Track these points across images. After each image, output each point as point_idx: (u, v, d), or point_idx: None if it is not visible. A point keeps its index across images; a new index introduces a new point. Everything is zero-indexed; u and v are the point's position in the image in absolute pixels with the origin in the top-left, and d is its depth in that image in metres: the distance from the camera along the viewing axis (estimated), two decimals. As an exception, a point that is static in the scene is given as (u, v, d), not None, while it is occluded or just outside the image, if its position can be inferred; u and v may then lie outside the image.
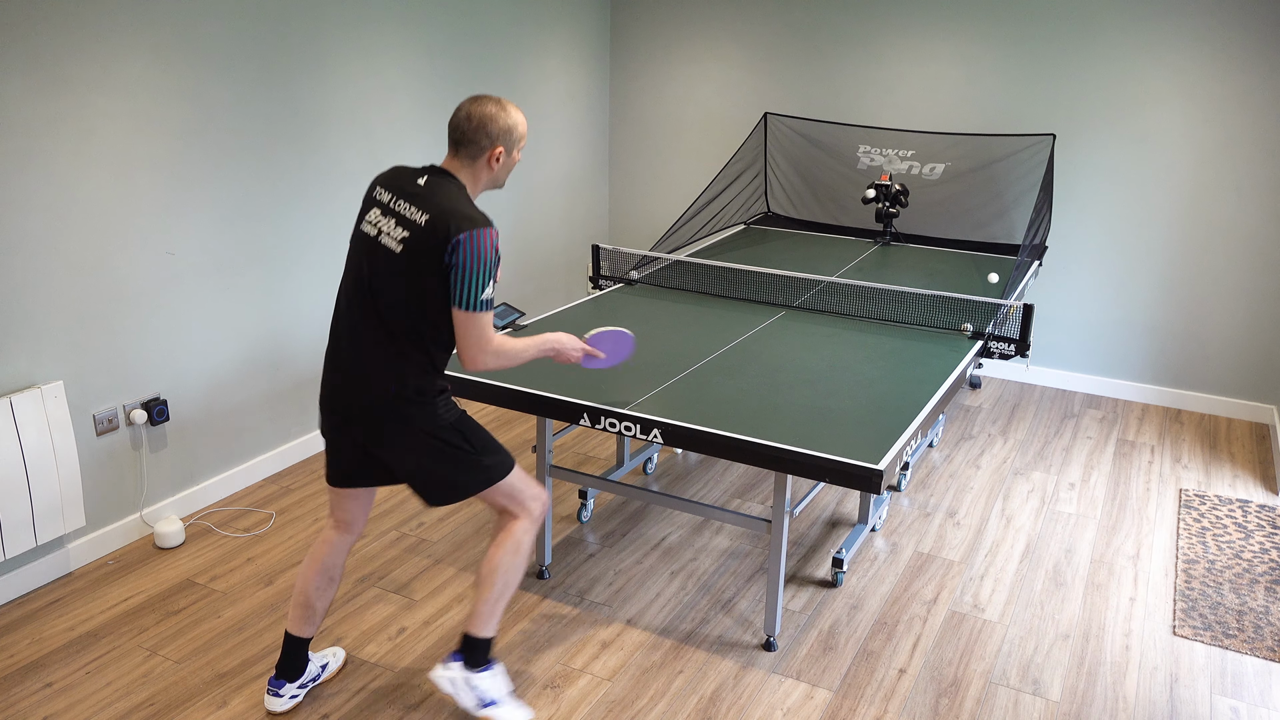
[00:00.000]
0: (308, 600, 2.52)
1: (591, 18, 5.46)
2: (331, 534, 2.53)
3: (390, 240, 2.24)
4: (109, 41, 3.05)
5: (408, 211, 2.23)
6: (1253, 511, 3.72)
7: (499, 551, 2.41)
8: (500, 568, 2.41)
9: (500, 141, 2.30)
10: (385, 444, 2.32)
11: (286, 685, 2.57)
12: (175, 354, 3.44)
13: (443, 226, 2.17)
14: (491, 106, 2.28)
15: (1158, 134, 4.50)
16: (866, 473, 2.37)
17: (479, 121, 2.27)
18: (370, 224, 2.30)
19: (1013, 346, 3.30)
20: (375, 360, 2.27)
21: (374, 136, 4.11)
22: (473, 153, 2.29)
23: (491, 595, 2.41)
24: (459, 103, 2.49)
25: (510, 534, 2.42)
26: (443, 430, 2.32)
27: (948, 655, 2.87)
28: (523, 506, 2.44)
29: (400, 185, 2.28)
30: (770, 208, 5.45)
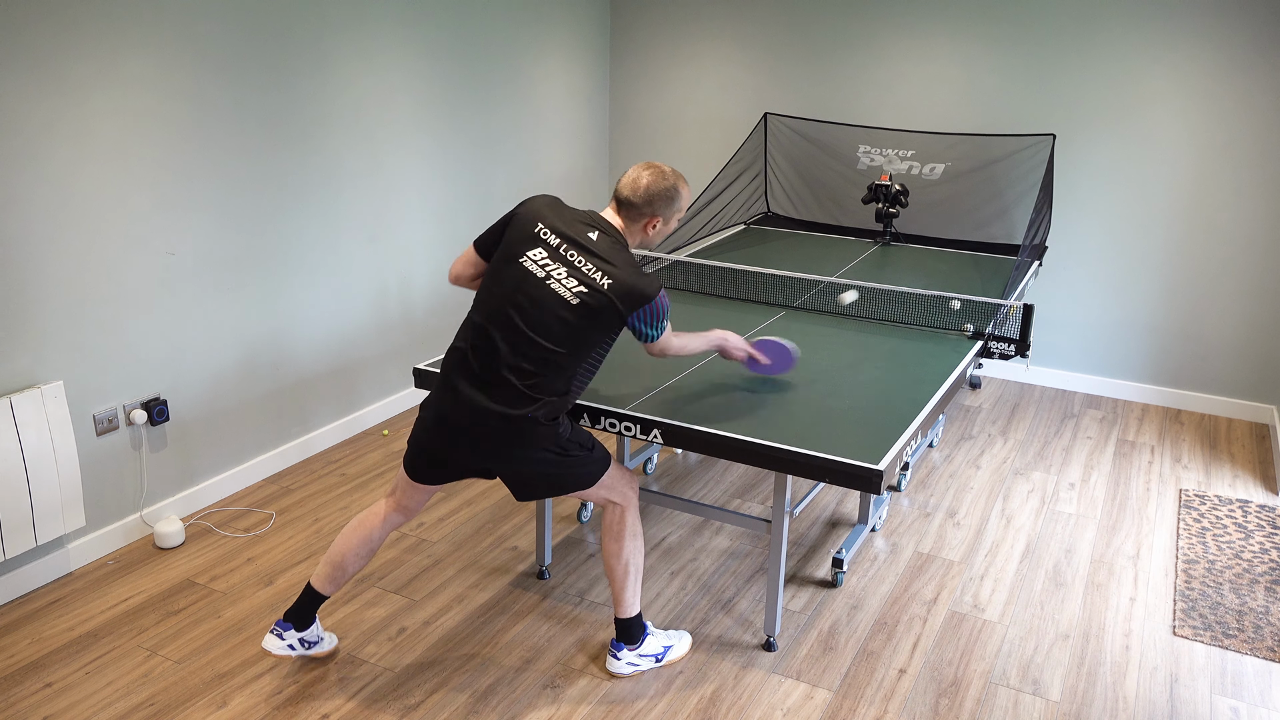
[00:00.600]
0: (342, 562, 2.62)
1: (591, 18, 5.46)
2: (389, 512, 2.64)
3: (562, 287, 2.34)
4: (108, 41, 3.05)
5: (585, 267, 2.36)
6: (1253, 511, 3.72)
7: (620, 544, 2.62)
8: (629, 557, 2.63)
9: (660, 214, 2.49)
10: (506, 461, 2.42)
11: (291, 631, 2.66)
12: (175, 354, 3.44)
13: (626, 298, 2.34)
14: (663, 181, 2.45)
15: (1158, 134, 4.50)
16: (866, 473, 2.37)
17: (646, 196, 2.45)
18: (534, 262, 2.38)
19: (1013, 346, 3.30)
20: (518, 386, 2.35)
21: (374, 137, 4.11)
22: (634, 216, 2.48)
23: (630, 581, 2.65)
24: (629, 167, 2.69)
25: (624, 525, 2.62)
26: (566, 446, 2.47)
27: (948, 655, 2.87)
28: (623, 494, 2.61)
29: (569, 233, 2.39)
30: (770, 208, 5.45)
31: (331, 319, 4.06)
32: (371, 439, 4.26)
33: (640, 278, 2.36)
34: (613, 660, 2.72)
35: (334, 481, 3.86)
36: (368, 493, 3.77)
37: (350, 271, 4.11)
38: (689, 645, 2.84)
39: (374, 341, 4.32)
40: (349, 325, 4.16)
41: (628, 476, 2.65)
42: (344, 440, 4.23)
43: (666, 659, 2.77)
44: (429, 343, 4.65)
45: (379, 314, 4.31)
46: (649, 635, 2.75)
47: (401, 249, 4.37)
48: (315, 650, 2.73)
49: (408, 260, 4.42)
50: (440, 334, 4.71)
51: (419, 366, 2.96)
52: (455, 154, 4.59)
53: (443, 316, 4.71)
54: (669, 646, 2.78)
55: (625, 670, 2.72)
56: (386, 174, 4.21)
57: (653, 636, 2.76)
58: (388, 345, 4.40)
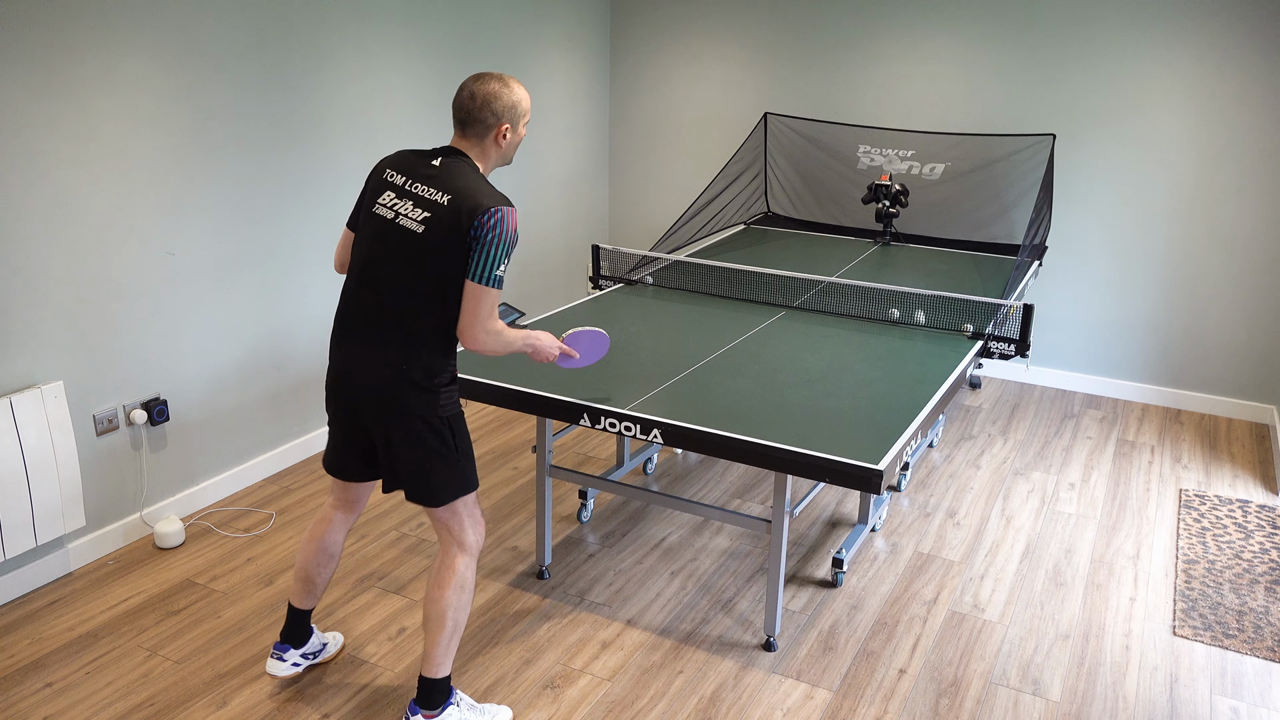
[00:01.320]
0: (308, 575, 2.58)
1: (591, 18, 5.46)
2: (332, 513, 2.58)
3: (410, 221, 2.24)
4: (109, 42, 3.05)
5: (426, 192, 2.24)
6: (1253, 511, 3.72)
7: (444, 591, 2.37)
8: (450, 608, 2.37)
9: (506, 118, 2.31)
10: (382, 425, 2.31)
11: (291, 650, 2.64)
12: (175, 354, 3.44)
13: (467, 205, 2.19)
14: (494, 84, 2.29)
15: (1158, 134, 4.50)
16: (866, 473, 2.37)
17: (483, 100, 2.28)
18: (385, 206, 2.29)
19: (1013, 346, 3.30)
20: (388, 339, 2.27)
21: (374, 136, 4.11)
22: (480, 131, 2.31)
23: (444, 637, 2.38)
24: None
25: (454, 571, 2.38)
26: (437, 421, 2.31)
27: (948, 655, 2.87)
28: (465, 533, 2.40)
29: (413, 167, 2.30)
30: (770, 208, 5.45)
31: (331, 319, 4.06)
32: (371, 439, 4.25)
33: (485, 188, 2.23)
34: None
35: (334, 481, 3.86)
36: (368, 493, 3.77)
37: (350, 271, 4.11)
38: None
39: (374, 341, 4.31)
40: (349, 325, 4.16)
41: (481, 523, 2.45)
42: (344, 440, 4.23)
43: None
44: (429, 343, 4.65)
45: (379, 314, 4.31)
46: (452, 705, 2.45)
47: (401, 249, 4.37)
48: (323, 657, 2.73)
49: (408, 260, 4.42)
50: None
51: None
52: (455, 154, 4.59)
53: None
54: None
55: None
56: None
57: (455, 708, 2.45)
58: (388, 345, 4.40)
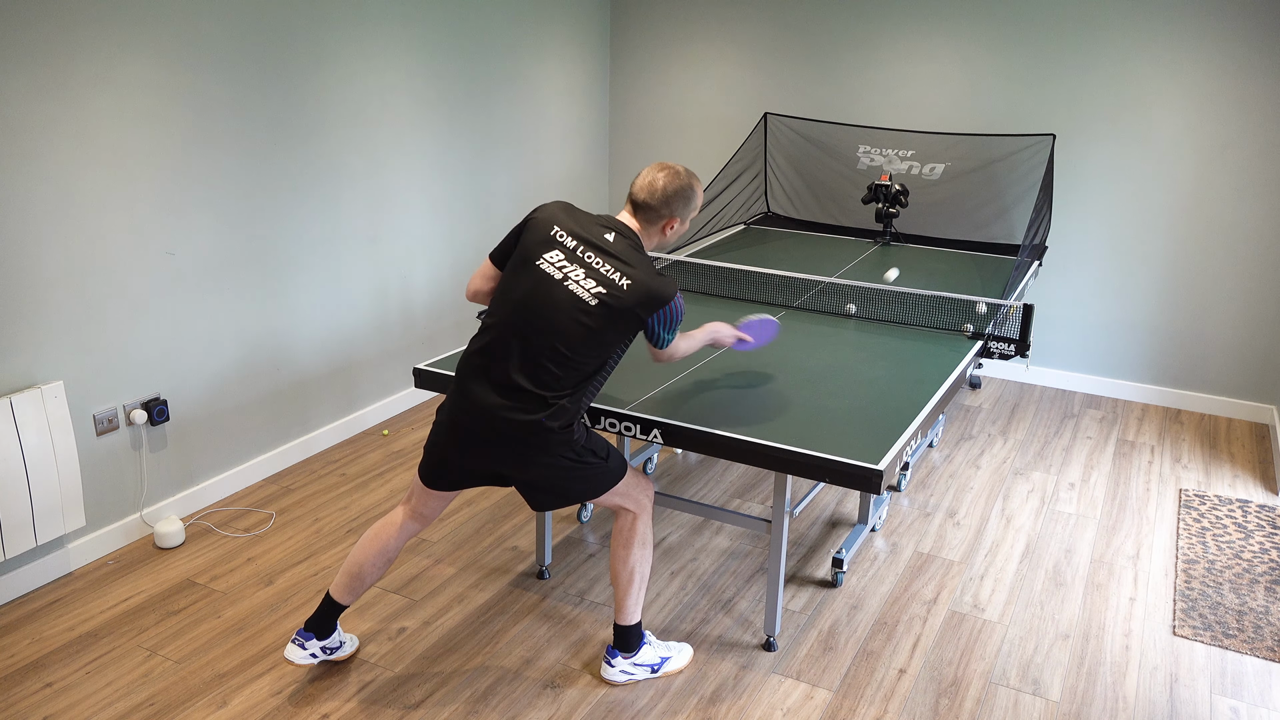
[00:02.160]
0: (361, 571, 2.60)
1: (591, 18, 5.46)
2: (405, 520, 2.62)
3: (580, 289, 2.33)
4: (108, 41, 3.05)
5: (603, 268, 2.35)
6: (1253, 511, 3.72)
7: (631, 551, 2.60)
8: (638, 563, 2.61)
9: (679, 214, 2.48)
10: (522, 468, 2.41)
11: (313, 640, 2.63)
12: (175, 354, 3.44)
13: (645, 298, 2.34)
14: (678, 181, 2.44)
15: (1158, 134, 4.50)
16: (866, 473, 2.37)
17: (664, 197, 2.43)
18: (552, 265, 2.36)
19: (1013, 346, 3.30)
20: (533, 391, 2.34)
21: (374, 136, 4.11)
22: (652, 219, 2.46)
23: (635, 588, 2.62)
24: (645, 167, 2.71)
25: (635, 532, 2.60)
26: (581, 453, 2.45)
27: (948, 655, 2.87)
28: (637, 501, 2.60)
29: (585, 235, 2.39)
30: (770, 208, 5.45)
31: (331, 319, 4.06)
32: (371, 439, 4.26)
33: (658, 279, 2.36)
34: (607, 667, 2.69)
35: (334, 481, 3.86)
36: (368, 493, 3.77)
37: (350, 271, 4.11)
38: (689, 658, 2.80)
39: (374, 341, 4.32)
40: (349, 325, 4.16)
41: (644, 484, 2.63)
42: (344, 440, 4.23)
43: (663, 670, 2.73)
44: (429, 343, 4.65)
45: (379, 314, 4.31)
46: (646, 644, 2.71)
47: (401, 249, 4.37)
48: (337, 655, 2.73)
49: (408, 260, 4.42)
50: (440, 334, 4.71)
51: (419, 366, 2.96)
52: (455, 154, 4.59)
53: (443, 316, 4.71)
54: (666, 658, 2.74)
55: (619, 678, 2.69)
56: (386, 174, 4.21)
57: (649, 646, 2.72)
58: (388, 345, 4.40)
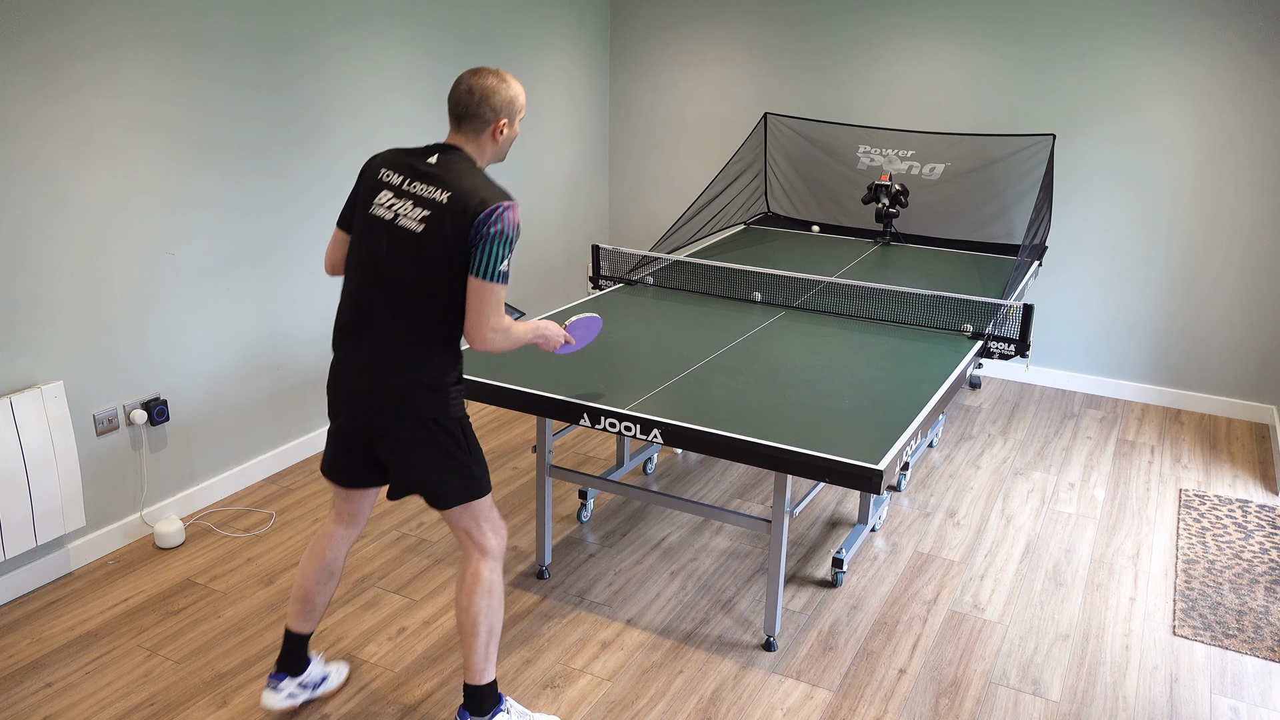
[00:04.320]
0: (307, 595, 2.49)
1: (591, 18, 5.46)
2: (333, 527, 2.50)
3: (409, 221, 2.21)
4: (108, 41, 3.05)
5: (425, 191, 2.21)
6: (1253, 511, 3.72)
7: (473, 599, 2.35)
8: (480, 614, 2.35)
9: (504, 113, 2.29)
10: (390, 429, 2.27)
11: (286, 680, 2.54)
12: (175, 354, 3.44)
13: (468, 202, 2.16)
14: (492, 79, 2.27)
15: (1158, 134, 4.50)
16: (866, 473, 2.37)
17: (481, 95, 2.25)
18: (383, 206, 2.26)
19: (1012, 346, 3.30)
20: (395, 342, 2.23)
21: (374, 136, 4.11)
22: (477, 127, 2.28)
23: (479, 643, 2.36)
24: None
25: (479, 578, 2.36)
26: (447, 422, 2.29)
27: (948, 655, 2.87)
28: (485, 538, 2.37)
29: (410, 165, 2.27)
30: (770, 208, 5.45)
31: (331, 319, 4.06)
32: (371, 439, 4.25)
33: (484, 184, 2.20)
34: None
35: (334, 481, 3.86)
36: (368, 493, 3.77)
37: (350, 271, 4.11)
38: None
39: (374, 341, 4.31)
40: (349, 325, 4.16)
41: (499, 524, 2.41)
42: (344, 440, 4.23)
43: None
44: (429, 343, 4.65)
45: (379, 314, 4.31)
46: (502, 711, 2.43)
47: (401, 249, 4.37)
48: (324, 689, 2.63)
49: (408, 260, 4.42)
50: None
51: (419, 366, 2.96)
52: (455, 154, 4.59)
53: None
54: None
55: None
56: (386, 174, 4.21)
57: (506, 715, 2.43)
58: (388, 345, 4.40)
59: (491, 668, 2.39)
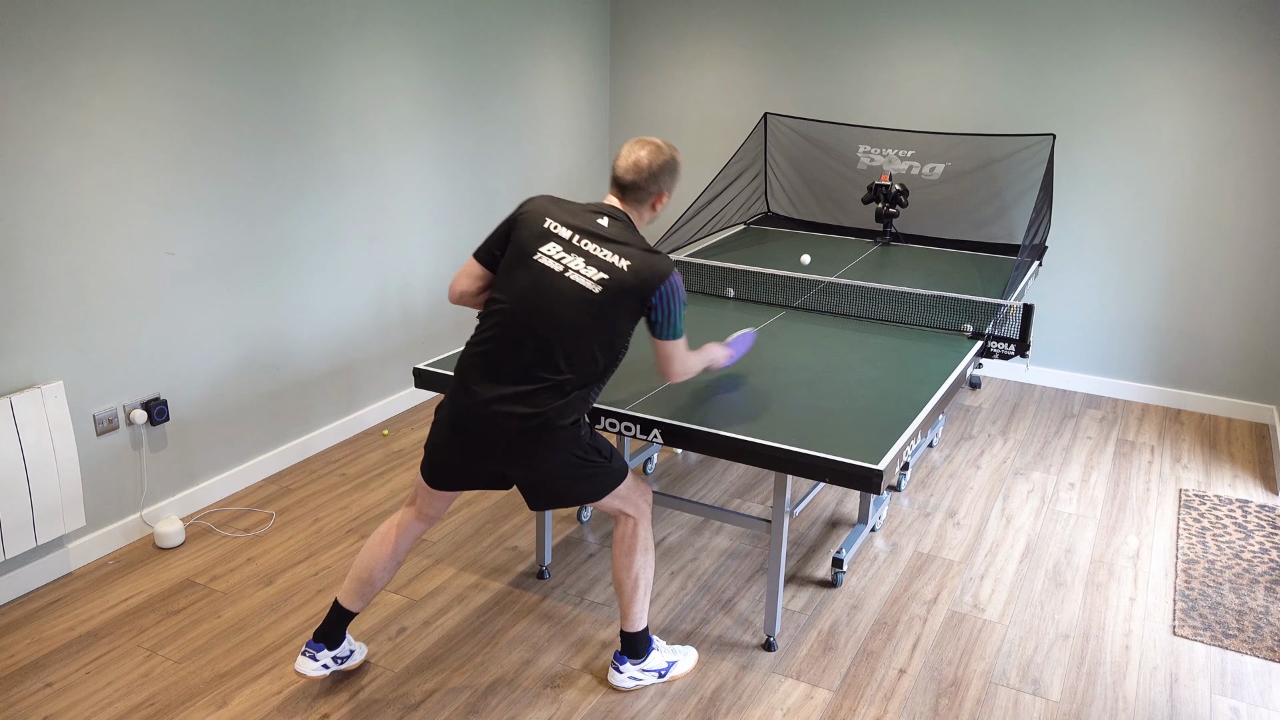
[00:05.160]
0: (371, 577, 2.57)
1: (591, 18, 5.46)
2: (411, 520, 2.60)
3: (582, 278, 2.32)
4: (108, 41, 3.05)
5: (601, 253, 2.34)
6: (1253, 511, 3.72)
7: (634, 558, 2.58)
8: (640, 571, 2.59)
9: (666, 188, 2.46)
10: (526, 466, 2.38)
11: (324, 651, 2.60)
12: (175, 354, 3.44)
13: (651, 277, 2.32)
14: (661, 155, 2.42)
15: (1158, 134, 4.50)
16: (866, 473, 2.37)
17: (650, 173, 2.41)
18: (550, 258, 2.35)
19: (1012, 346, 3.30)
20: (540, 388, 2.32)
21: (375, 136, 4.11)
22: (640, 197, 2.44)
23: (640, 594, 2.61)
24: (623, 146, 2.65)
25: (637, 538, 2.58)
26: (587, 451, 2.43)
27: (948, 655, 2.87)
28: (637, 506, 2.57)
29: (579, 224, 2.38)
30: (770, 208, 5.45)
31: (331, 319, 4.06)
32: (371, 439, 4.26)
33: (655, 257, 2.35)
34: (614, 673, 2.67)
35: (334, 481, 3.86)
36: (368, 493, 3.77)
37: (350, 271, 4.11)
38: (695, 661, 2.78)
39: (374, 341, 4.32)
40: (349, 325, 4.16)
41: (643, 488, 2.60)
42: (344, 440, 4.23)
43: (670, 674, 2.71)
44: (429, 343, 4.65)
45: (379, 314, 4.31)
46: (654, 650, 2.70)
47: (401, 249, 4.37)
48: (349, 664, 2.69)
49: (408, 260, 4.42)
50: (440, 334, 4.71)
51: (419, 366, 2.96)
52: (455, 154, 4.59)
53: (443, 316, 4.71)
54: (673, 662, 2.72)
55: (627, 684, 2.67)
56: (386, 174, 4.21)
57: (658, 652, 2.70)
58: (388, 345, 4.40)
59: (645, 615, 2.65)
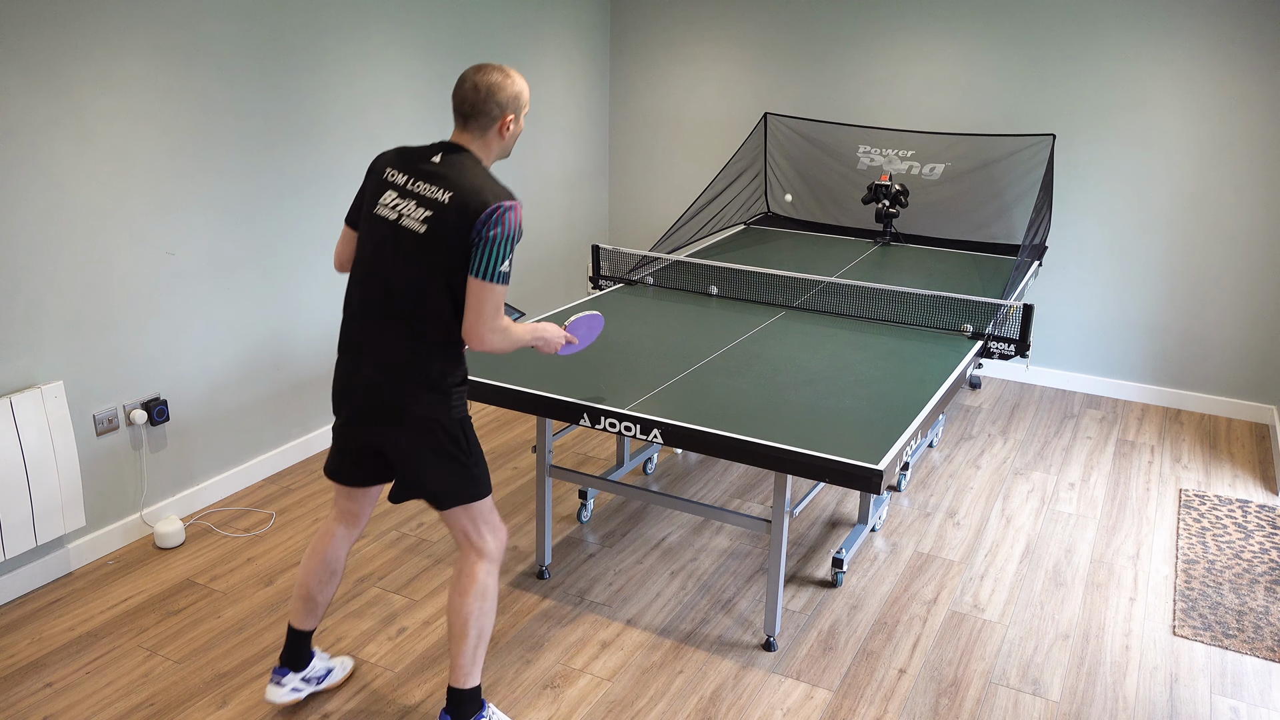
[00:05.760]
0: (309, 593, 2.50)
1: (591, 18, 5.46)
2: (335, 526, 2.51)
3: (412, 221, 2.20)
4: (108, 41, 3.05)
5: (428, 191, 2.20)
6: (1253, 511, 3.72)
7: (465, 599, 2.34)
8: (472, 616, 2.34)
9: (510, 109, 2.26)
10: (391, 430, 2.27)
11: (290, 674, 2.55)
12: (175, 354, 3.44)
13: (470, 202, 2.14)
14: (497, 75, 2.24)
15: (1158, 134, 4.50)
16: (866, 473, 2.37)
17: (487, 91, 2.23)
18: (387, 207, 2.25)
19: (1012, 346, 3.30)
20: (397, 342, 2.23)
21: (374, 136, 4.11)
22: (484, 124, 2.26)
23: (468, 646, 2.35)
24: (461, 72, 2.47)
25: (474, 579, 2.35)
26: (450, 424, 2.28)
27: (948, 655, 2.87)
28: (484, 539, 2.36)
29: (414, 165, 2.25)
30: (770, 208, 5.45)
31: (331, 319, 4.06)
32: (371, 439, 4.25)
33: (487, 184, 2.17)
34: None
35: (334, 481, 3.86)
36: (368, 493, 3.77)
37: (350, 271, 4.11)
38: None
39: (374, 341, 4.31)
40: (349, 325, 4.16)
41: (500, 526, 2.40)
42: (344, 440, 4.23)
43: None
44: (429, 343, 4.65)
45: (379, 314, 4.31)
46: (483, 718, 2.43)
47: (401, 249, 4.37)
48: (327, 683, 2.64)
49: (408, 260, 4.42)
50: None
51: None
52: (455, 154, 4.59)
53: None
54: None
55: None
56: (386, 174, 4.21)
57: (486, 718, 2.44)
58: (388, 345, 4.40)
59: (477, 672, 2.38)
